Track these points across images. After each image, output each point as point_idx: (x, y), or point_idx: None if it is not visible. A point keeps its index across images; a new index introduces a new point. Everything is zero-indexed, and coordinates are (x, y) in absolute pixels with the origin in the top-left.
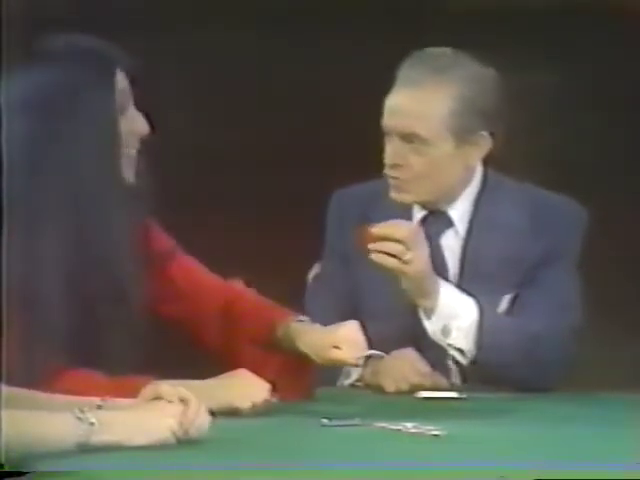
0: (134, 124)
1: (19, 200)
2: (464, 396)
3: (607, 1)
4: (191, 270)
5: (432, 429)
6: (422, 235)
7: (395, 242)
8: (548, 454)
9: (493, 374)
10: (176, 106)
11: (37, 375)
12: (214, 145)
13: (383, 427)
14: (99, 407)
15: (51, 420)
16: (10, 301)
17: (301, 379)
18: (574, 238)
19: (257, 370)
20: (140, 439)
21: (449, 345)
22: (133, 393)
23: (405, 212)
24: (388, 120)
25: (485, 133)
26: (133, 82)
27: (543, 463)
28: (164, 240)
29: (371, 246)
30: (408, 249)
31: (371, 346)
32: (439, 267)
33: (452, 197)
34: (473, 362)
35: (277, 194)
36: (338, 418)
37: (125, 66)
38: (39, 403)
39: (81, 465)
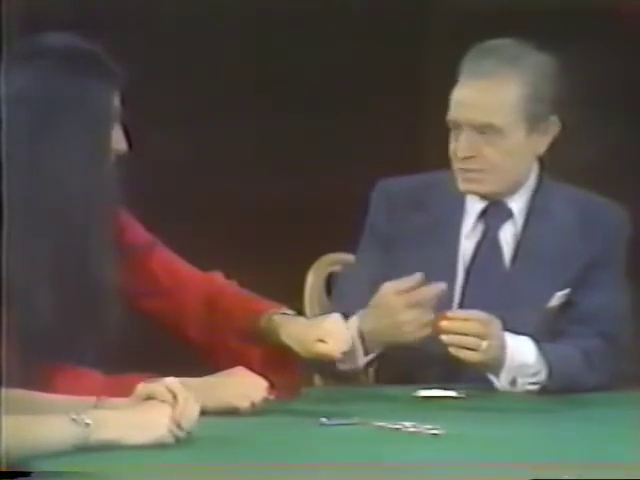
0: (117, 142)
1: (18, 198)
2: (463, 395)
3: (607, 1)
4: (171, 263)
5: (431, 428)
6: (497, 323)
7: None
8: (547, 454)
9: (564, 390)
10: (176, 106)
11: (32, 374)
12: (206, 143)
13: (382, 426)
14: (95, 407)
15: (47, 422)
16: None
17: (288, 375)
18: (621, 244)
19: (242, 364)
20: (136, 437)
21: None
22: (130, 391)
23: (460, 203)
24: (458, 113)
25: (554, 118)
26: (123, 102)
27: (541, 463)
28: (141, 233)
29: (446, 339)
30: (483, 339)
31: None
32: (497, 261)
33: (516, 189)
34: (543, 389)
35: (275, 194)
36: (337, 417)
37: (121, 85)
38: (37, 403)
39: (81, 465)
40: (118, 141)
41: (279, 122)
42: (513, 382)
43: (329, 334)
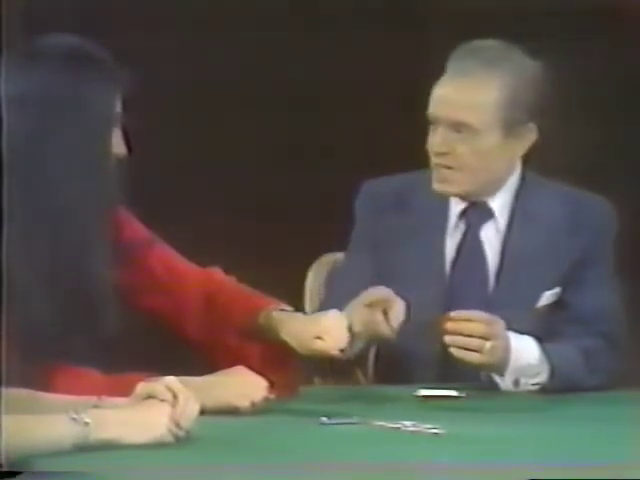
0: (117, 146)
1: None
2: (463, 395)
3: (607, 1)
4: (170, 260)
5: (431, 428)
6: (501, 324)
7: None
8: (546, 454)
9: (564, 390)
10: (176, 106)
11: (32, 374)
12: (207, 142)
13: (382, 426)
14: (95, 406)
15: (47, 422)
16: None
17: (286, 373)
18: (610, 240)
19: (240, 362)
20: (136, 437)
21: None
22: (129, 390)
23: (443, 203)
24: (436, 109)
25: (532, 125)
26: (124, 105)
27: (541, 463)
28: (140, 230)
29: (449, 340)
30: (487, 340)
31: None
32: (478, 260)
33: (494, 189)
34: (543, 389)
35: (275, 193)
36: (337, 417)
37: (123, 88)
38: (37, 403)
39: (80, 465)
40: (118, 145)
41: (279, 121)
42: (516, 382)
43: (327, 331)
